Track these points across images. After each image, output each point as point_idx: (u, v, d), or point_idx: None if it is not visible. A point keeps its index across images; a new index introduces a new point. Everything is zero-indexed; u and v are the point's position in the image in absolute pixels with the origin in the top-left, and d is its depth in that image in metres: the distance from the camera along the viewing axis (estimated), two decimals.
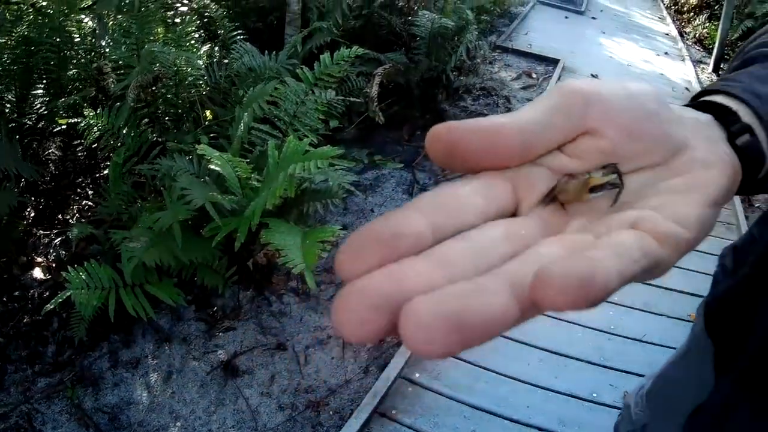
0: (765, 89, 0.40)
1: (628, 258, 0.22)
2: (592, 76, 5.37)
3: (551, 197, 0.27)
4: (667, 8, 9.75)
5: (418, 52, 3.55)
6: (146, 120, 2.31)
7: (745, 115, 0.36)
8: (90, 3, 2.60)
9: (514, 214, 0.27)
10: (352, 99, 2.77)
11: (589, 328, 2.37)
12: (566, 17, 7.85)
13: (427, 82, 3.66)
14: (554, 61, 5.49)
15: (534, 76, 5.10)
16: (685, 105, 0.38)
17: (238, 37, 2.79)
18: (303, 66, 2.49)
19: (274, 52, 2.66)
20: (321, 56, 2.45)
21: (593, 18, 8.17)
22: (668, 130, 0.30)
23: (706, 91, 0.40)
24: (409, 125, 3.51)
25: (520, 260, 0.23)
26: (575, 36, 6.87)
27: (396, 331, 0.20)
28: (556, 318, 2.30)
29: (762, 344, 0.50)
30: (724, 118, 0.36)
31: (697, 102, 0.39)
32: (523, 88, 4.77)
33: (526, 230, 0.25)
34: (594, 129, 0.28)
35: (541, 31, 6.60)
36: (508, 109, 4.20)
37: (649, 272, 0.24)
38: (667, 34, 7.81)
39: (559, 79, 5.08)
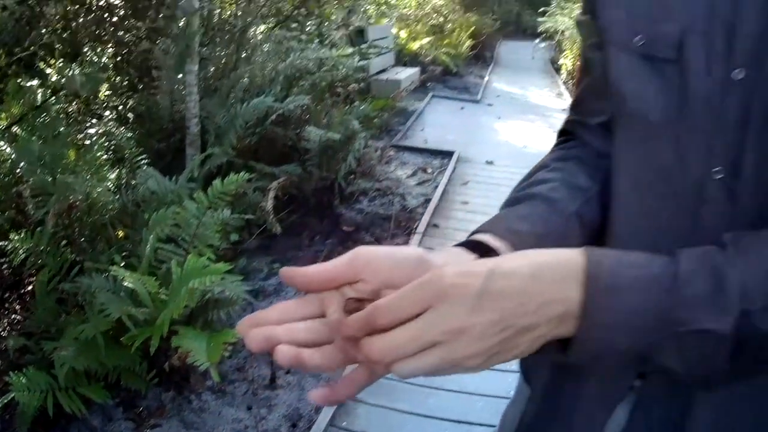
0: (524, 227, 0.68)
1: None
2: (488, 163, 6.35)
3: (343, 308, 0.53)
4: (565, 83, 11.17)
5: (311, 164, 4.33)
6: (65, 242, 2.87)
7: (505, 251, 0.63)
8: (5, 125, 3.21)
9: (323, 315, 0.55)
10: (247, 216, 3.43)
11: (488, 396, 2.98)
12: (462, 108, 9.02)
13: (321, 191, 4.43)
14: (449, 154, 6.42)
15: (429, 171, 6.00)
16: (460, 243, 0.64)
17: (143, 161, 3.44)
18: (200, 190, 3.15)
19: (175, 177, 3.33)
20: (214, 181, 3.12)
21: (489, 105, 9.39)
22: (416, 276, 0.50)
23: (478, 231, 0.67)
24: (308, 232, 4.22)
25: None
26: (471, 125, 7.97)
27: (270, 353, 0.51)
28: (456, 391, 2.92)
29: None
30: (489, 253, 0.61)
31: (471, 239, 0.65)
32: (419, 184, 5.62)
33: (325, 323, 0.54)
34: (365, 279, 0.54)
35: (437, 125, 7.66)
36: (404, 207, 5.00)
37: None
38: (564, 110, 9.09)
39: (453, 171, 5.96)
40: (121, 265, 2.62)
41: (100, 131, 3.78)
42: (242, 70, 4.46)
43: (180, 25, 3.91)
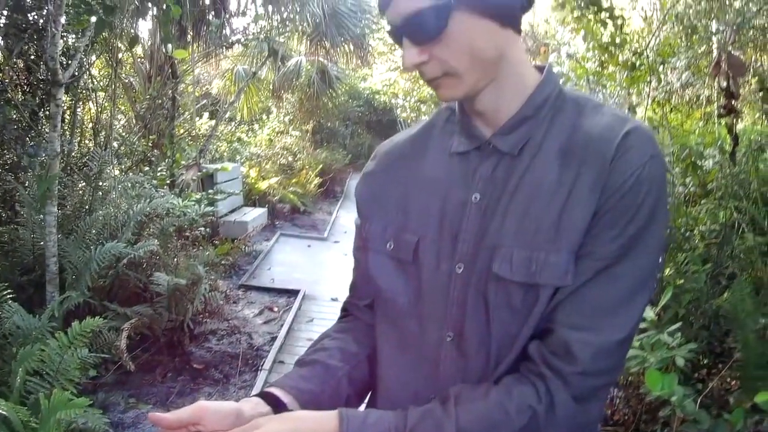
0: (305, 385, 1.07)
1: None
2: (333, 300, 7.16)
3: None
4: None
5: (161, 305, 4.98)
6: None
7: (291, 402, 1.02)
8: None
9: None
10: (103, 355, 4.04)
11: None
12: (309, 245, 9.93)
13: (172, 330, 5.07)
14: (295, 292, 7.17)
15: (276, 309, 6.75)
16: (258, 394, 1.03)
17: (8, 295, 3.95)
18: (61, 330, 3.75)
19: (38, 315, 3.89)
20: (73, 323, 3.74)
21: (336, 242, 10.29)
22: (237, 424, 0.93)
23: (272, 385, 1.05)
24: (161, 369, 4.81)
25: None
26: (317, 263, 8.84)
27: None
28: None
29: None
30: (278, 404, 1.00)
31: (266, 391, 1.03)
32: (266, 323, 6.34)
33: None
34: (203, 425, 0.93)
35: (284, 264, 8.48)
36: (251, 345, 5.69)
37: None
38: None
39: (299, 309, 6.73)
40: None
41: None
42: (97, 214, 5.12)
43: (42, 163, 4.55)
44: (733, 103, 3.94)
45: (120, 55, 5.83)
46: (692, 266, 4.31)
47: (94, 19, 4.59)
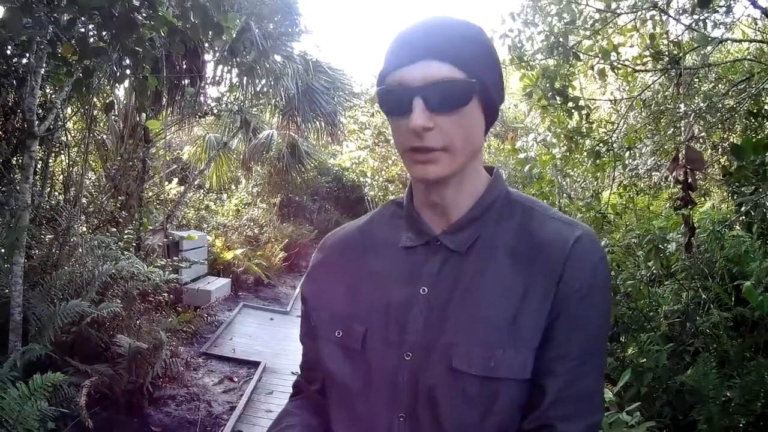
0: None
1: None
2: (293, 373, 7.19)
3: None
4: None
5: (121, 367, 5.00)
6: None
7: None
8: None
9: None
10: (62, 409, 4.04)
11: None
12: (271, 318, 10.00)
13: (131, 392, 5.07)
14: (256, 364, 7.22)
15: (236, 379, 6.76)
16: None
17: None
18: (22, 381, 3.77)
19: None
20: (34, 375, 3.77)
21: (299, 316, 10.33)
22: None
23: None
24: (118, 429, 4.78)
25: None
26: (279, 336, 8.89)
27: None
28: None
29: None
30: None
31: None
32: (225, 392, 6.34)
33: None
34: None
35: (245, 335, 8.52)
36: (210, 413, 5.69)
37: None
38: None
39: (260, 380, 6.75)
40: None
41: None
42: (63, 270, 5.18)
43: (12, 212, 4.64)
44: (690, 195, 4.16)
45: (95, 112, 6.01)
46: (654, 346, 4.50)
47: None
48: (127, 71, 5.16)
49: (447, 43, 1.04)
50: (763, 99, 5.60)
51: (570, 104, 5.09)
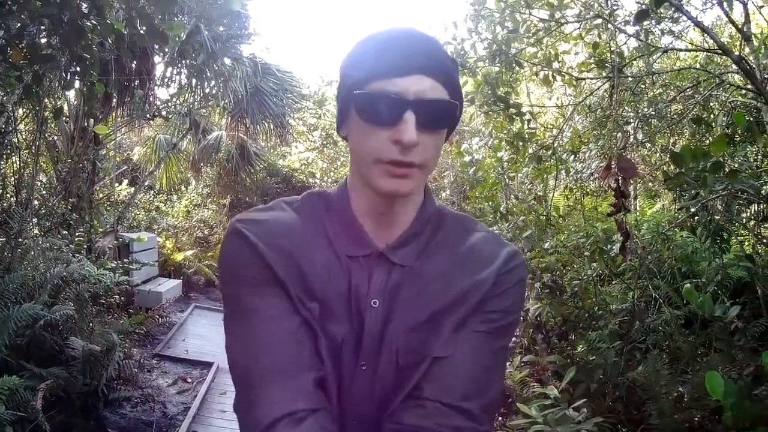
0: None
1: None
2: None
3: None
4: None
5: (76, 370, 4.95)
6: None
7: None
8: None
9: None
10: (19, 413, 4.00)
11: None
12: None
13: (87, 395, 5.03)
14: (209, 364, 7.19)
15: (189, 380, 6.73)
16: None
17: None
18: None
19: None
20: None
21: None
22: None
23: None
24: (75, 431, 4.76)
25: None
26: None
27: None
28: None
29: None
30: None
31: None
32: (179, 393, 6.32)
33: None
34: None
35: (198, 336, 8.47)
36: (164, 414, 5.67)
37: None
38: None
39: (213, 381, 6.74)
40: None
41: None
42: (16, 274, 5.10)
43: None
44: (622, 201, 4.30)
45: (46, 113, 5.92)
46: (603, 344, 4.64)
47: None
48: (76, 78, 5.11)
49: (438, 62, 1.06)
50: (711, 106, 5.82)
51: (512, 110, 5.18)
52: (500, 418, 4.96)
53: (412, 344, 1.13)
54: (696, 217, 4.41)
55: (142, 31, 4.27)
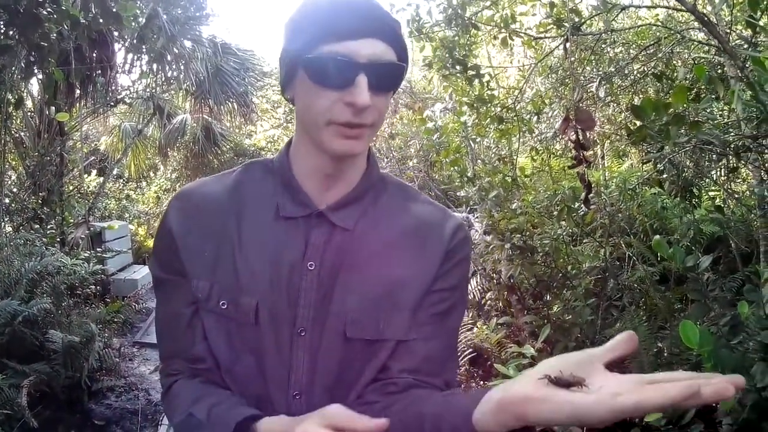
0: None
1: None
2: None
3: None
4: None
5: (57, 363, 4.91)
6: None
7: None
8: None
9: None
10: (5, 411, 3.96)
11: None
12: None
13: (70, 388, 4.99)
14: None
15: None
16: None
17: None
18: None
19: None
20: None
21: None
22: None
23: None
24: (62, 426, 4.73)
25: None
26: None
27: None
28: None
29: None
30: None
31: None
32: None
33: None
34: None
35: None
36: (149, 401, 5.65)
37: None
38: None
39: None
40: None
41: None
42: None
43: None
44: (583, 154, 4.31)
45: (10, 109, 5.79)
46: (578, 302, 4.66)
47: None
48: (35, 67, 5.00)
49: (388, 26, 1.06)
50: (674, 63, 5.84)
51: (470, 72, 5.14)
52: (481, 382, 5.02)
53: (365, 318, 1.13)
54: (664, 173, 4.44)
55: (97, 15, 4.19)
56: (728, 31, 4.20)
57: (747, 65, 2.98)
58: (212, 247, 1.15)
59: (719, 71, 4.86)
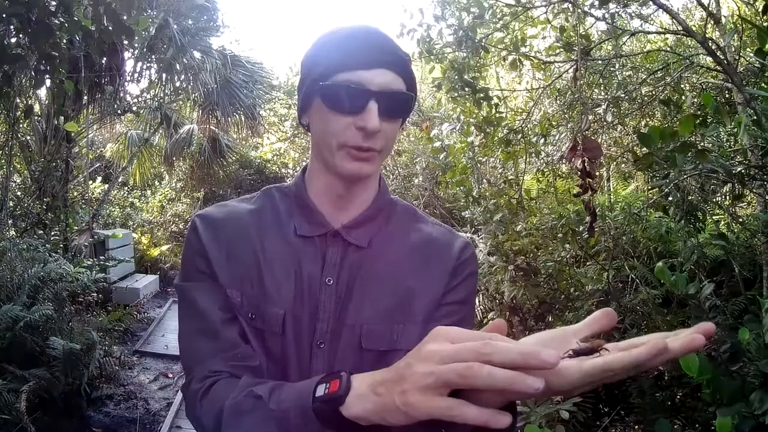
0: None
1: None
2: None
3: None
4: None
5: (57, 370, 4.92)
6: None
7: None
8: None
9: None
10: (4, 416, 3.97)
11: None
12: None
13: (69, 395, 4.99)
14: None
15: (171, 375, 6.71)
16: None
17: None
18: None
19: None
20: None
21: None
22: None
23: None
24: None
25: None
26: None
27: None
28: None
29: None
30: None
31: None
32: (161, 389, 6.30)
33: None
34: None
35: (177, 331, 8.41)
36: (147, 410, 5.65)
37: None
38: None
39: None
40: None
41: None
42: None
43: None
44: (589, 182, 4.32)
45: (18, 113, 5.84)
46: None
47: None
48: (46, 76, 5.04)
49: (399, 58, 1.15)
50: (682, 88, 5.85)
51: (479, 95, 5.19)
52: None
53: (379, 330, 1.19)
54: (669, 197, 4.44)
55: (109, 27, 4.23)
56: (737, 57, 4.23)
57: (755, 98, 3.00)
58: (239, 261, 1.21)
59: (727, 96, 4.87)
